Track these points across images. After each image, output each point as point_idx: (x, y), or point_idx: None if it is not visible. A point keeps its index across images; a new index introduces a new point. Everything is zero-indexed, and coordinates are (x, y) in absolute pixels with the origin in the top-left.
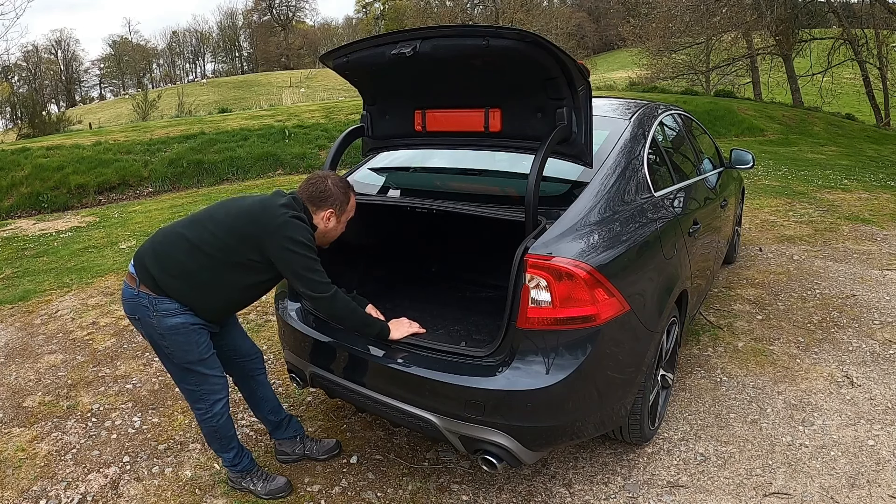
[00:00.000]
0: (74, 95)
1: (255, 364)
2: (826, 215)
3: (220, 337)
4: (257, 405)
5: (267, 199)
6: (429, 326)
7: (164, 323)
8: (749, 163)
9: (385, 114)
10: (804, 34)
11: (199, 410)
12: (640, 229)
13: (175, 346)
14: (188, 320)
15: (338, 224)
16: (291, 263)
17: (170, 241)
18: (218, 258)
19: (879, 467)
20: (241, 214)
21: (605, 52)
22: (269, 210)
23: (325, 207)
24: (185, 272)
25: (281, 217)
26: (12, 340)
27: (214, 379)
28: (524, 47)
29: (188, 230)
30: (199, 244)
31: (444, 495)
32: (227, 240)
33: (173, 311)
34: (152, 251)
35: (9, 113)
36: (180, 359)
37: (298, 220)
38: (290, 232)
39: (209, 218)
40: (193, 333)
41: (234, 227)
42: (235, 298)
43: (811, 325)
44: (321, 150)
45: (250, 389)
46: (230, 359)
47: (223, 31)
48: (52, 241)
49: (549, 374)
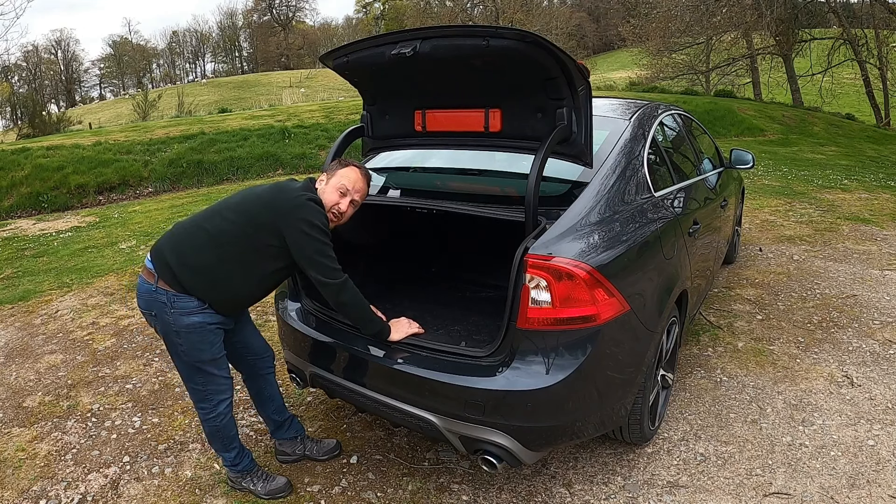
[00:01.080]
0: (74, 95)
1: (265, 362)
2: (826, 215)
3: (233, 333)
4: (263, 403)
5: (283, 183)
6: (429, 326)
7: (182, 321)
8: (749, 163)
9: (385, 114)
10: (804, 34)
11: (203, 410)
12: (640, 229)
13: (189, 344)
14: (205, 320)
15: (326, 186)
16: (305, 247)
17: (189, 234)
18: (237, 247)
19: (879, 467)
20: (258, 200)
21: (605, 52)
22: (286, 192)
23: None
24: (206, 265)
25: (298, 199)
26: (12, 340)
27: (221, 379)
28: (524, 47)
29: (206, 222)
30: (217, 235)
31: (444, 495)
32: (246, 227)
33: (191, 309)
34: (171, 245)
35: (9, 113)
36: (192, 357)
37: (314, 203)
38: (306, 214)
39: (226, 208)
40: (209, 334)
41: (251, 212)
42: (254, 289)
43: (811, 325)
44: (321, 150)
45: (258, 387)
46: (242, 356)
47: (223, 31)
48: (52, 241)
49: (549, 374)
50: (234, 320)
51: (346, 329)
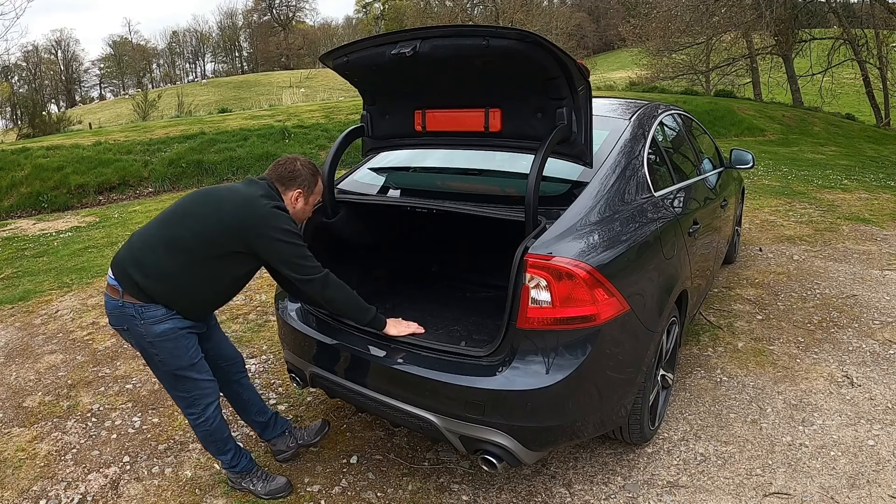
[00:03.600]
0: (74, 95)
1: (237, 367)
2: (826, 215)
3: (205, 340)
4: (244, 408)
5: (245, 191)
6: (429, 326)
7: (153, 330)
8: (749, 163)
9: (385, 114)
10: (804, 34)
11: (192, 416)
12: (640, 229)
13: (165, 352)
14: (176, 325)
15: (306, 206)
16: (282, 253)
17: (148, 245)
18: (200, 254)
19: (879, 467)
20: (220, 207)
21: (605, 52)
22: (251, 203)
23: (294, 188)
24: (169, 274)
25: (264, 209)
26: (12, 340)
27: (205, 383)
28: (524, 47)
29: (165, 229)
30: (178, 241)
31: (444, 495)
32: (208, 234)
33: (160, 317)
34: (131, 257)
35: (9, 113)
36: (171, 365)
37: (280, 210)
38: (276, 222)
39: (185, 214)
40: (182, 339)
41: (215, 219)
42: (221, 291)
43: (811, 325)
44: (321, 150)
45: (235, 393)
46: (214, 363)
47: (223, 31)
48: (52, 241)
49: (548, 373)
50: (205, 324)
51: (346, 329)
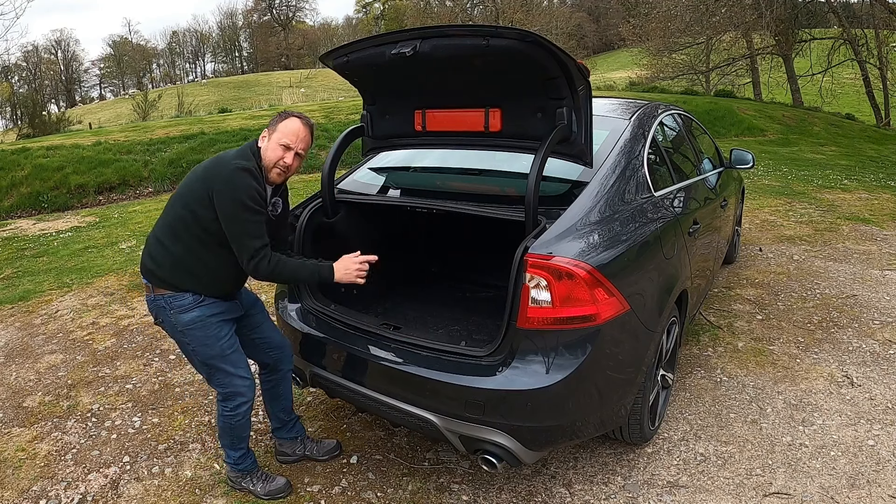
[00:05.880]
0: (74, 95)
1: (285, 357)
2: (826, 215)
3: (250, 329)
4: (275, 399)
5: (221, 154)
6: (429, 326)
7: (182, 319)
8: (749, 163)
9: (385, 114)
10: (804, 34)
11: (225, 408)
12: (639, 229)
13: (196, 341)
14: (204, 313)
15: (269, 143)
16: (230, 226)
17: (155, 237)
18: (191, 231)
19: (879, 467)
20: (193, 175)
21: (605, 52)
22: (219, 163)
23: (263, 131)
24: (178, 258)
25: (227, 169)
26: (12, 340)
27: (239, 380)
28: (524, 47)
29: (164, 218)
30: (174, 224)
31: (444, 495)
32: (193, 205)
33: (188, 305)
34: (147, 253)
35: (9, 113)
36: (202, 355)
37: (244, 172)
38: (234, 191)
39: (176, 196)
40: (211, 327)
41: (189, 191)
42: (232, 263)
43: (811, 325)
44: (321, 150)
45: (274, 382)
46: (261, 349)
47: (223, 31)
48: (52, 241)
49: (548, 373)
50: (241, 307)
51: (346, 329)
